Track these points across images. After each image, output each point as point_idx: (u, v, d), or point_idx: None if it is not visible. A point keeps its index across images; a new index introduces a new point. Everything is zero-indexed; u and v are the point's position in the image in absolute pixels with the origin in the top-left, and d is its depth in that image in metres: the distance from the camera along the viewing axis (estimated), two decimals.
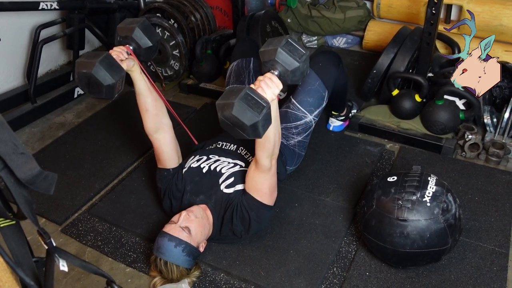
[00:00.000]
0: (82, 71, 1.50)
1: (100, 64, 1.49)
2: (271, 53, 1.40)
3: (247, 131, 1.31)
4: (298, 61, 1.40)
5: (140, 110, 1.80)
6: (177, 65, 2.89)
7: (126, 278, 1.77)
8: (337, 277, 1.70)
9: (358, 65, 3.07)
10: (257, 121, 1.28)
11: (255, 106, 1.29)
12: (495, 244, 1.75)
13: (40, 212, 2.08)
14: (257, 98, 1.31)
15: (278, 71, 1.42)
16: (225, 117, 1.31)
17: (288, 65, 1.40)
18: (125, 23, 1.71)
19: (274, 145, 1.56)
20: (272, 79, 1.41)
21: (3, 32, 2.47)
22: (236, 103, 1.27)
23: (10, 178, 0.70)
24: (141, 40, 1.68)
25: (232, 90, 1.32)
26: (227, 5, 3.23)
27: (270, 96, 1.39)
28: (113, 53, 1.60)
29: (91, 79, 1.50)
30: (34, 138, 2.66)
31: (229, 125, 1.33)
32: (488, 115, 2.25)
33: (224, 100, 1.31)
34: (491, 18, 2.60)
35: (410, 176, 1.61)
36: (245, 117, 1.28)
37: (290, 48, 1.40)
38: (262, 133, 1.34)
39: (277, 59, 1.39)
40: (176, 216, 1.68)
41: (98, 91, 1.53)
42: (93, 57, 1.50)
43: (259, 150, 1.57)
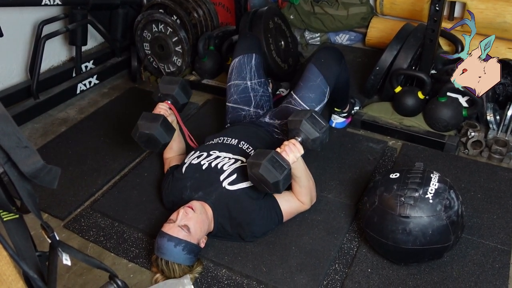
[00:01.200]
0: (144, 132, 1.86)
1: (161, 127, 1.86)
2: (297, 123, 1.67)
3: (269, 187, 1.59)
4: (319, 132, 1.66)
5: None
6: (180, 61, 2.89)
7: (128, 273, 1.77)
8: (339, 273, 1.70)
9: (360, 62, 3.06)
10: (278, 180, 1.56)
11: (278, 167, 1.57)
12: (497, 242, 1.74)
13: (43, 208, 2.09)
14: (280, 161, 1.58)
15: (301, 138, 1.68)
16: (253, 173, 1.60)
17: (310, 134, 1.66)
18: (165, 82, 2.02)
19: (311, 190, 1.83)
20: (296, 145, 1.66)
21: (5, 28, 2.46)
22: (263, 164, 1.55)
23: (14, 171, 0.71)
24: (180, 98, 2.02)
25: (261, 152, 1.62)
26: (230, 2, 3.23)
27: (292, 159, 1.64)
28: (161, 111, 1.96)
29: (152, 138, 1.87)
30: (37, 134, 2.67)
31: (255, 180, 1.62)
32: (491, 113, 2.24)
33: (254, 159, 1.60)
34: (494, 15, 2.59)
35: (413, 173, 1.61)
36: (269, 176, 1.56)
37: (313, 121, 1.66)
38: (282, 190, 1.63)
39: (301, 128, 1.66)
40: (174, 214, 1.67)
41: (155, 147, 1.91)
42: (153, 120, 1.87)
43: (300, 196, 1.82)
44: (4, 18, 2.53)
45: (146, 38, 2.92)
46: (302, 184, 1.77)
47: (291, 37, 2.92)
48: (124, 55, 3.21)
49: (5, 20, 2.50)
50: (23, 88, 2.83)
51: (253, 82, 2.19)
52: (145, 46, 2.97)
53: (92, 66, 3.16)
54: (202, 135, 2.15)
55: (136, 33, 2.92)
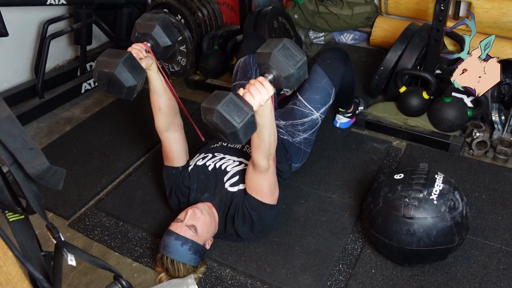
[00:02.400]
0: (103, 70, 1.47)
1: (123, 64, 1.46)
2: (266, 56, 1.34)
3: (227, 137, 1.30)
4: (293, 67, 1.33)
5: (152, 108, 1.77)
6: (184, 60, 2.90)
7: (132, 273, 1.78)
8: (343, 274, 1.70)
9: (365, 62, 3.05)
10: (236, 129, 1.26)
11: (236, 114, 1.26)
12: (502, 243, 1.74)
13: (48, 207, 2.10)
14: (240, 105, 1.27)
15: (271, 76, 1.37)
16: (207, 121, 1.30)
17: (282, 71, 1.34)
18: (144, 19, 1.66)
19: (270, 147, 1.54)
20: (263, 83, 1.36)
21: (11, 27, 2.48)
22: (217, 110, 1.24)
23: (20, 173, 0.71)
24: (160, 39, 1.64)
25: (218, 94, 1.30)
26: (234, 1, 3.22)
27: (258, 102, 1.35)
28: (132, 51, 1.56)
29: (113, 79, 1.47)
30: (42, 133, 2.68)
31: (212, 129, 1.33)
32: (496, 113, 2.23)
33: (207, 104, 1.29)
34: (500, 14, 2.58)
35: (417, 174, 1.60)
36: (225, 125, 1.26)
37: (286, 53, 1.33)
38: (244, 140, 1.31)
39: (271, 63, 1.33)
40: (182, 213, 1.68)
41: (119, 91, 1.50)
42: (115, 57, 1.47)
43: (254, 151, 1.55)
44: (10, 17, 2.54)
45: None
46: (262, 136, 1.48)
47: (296, 36, 2.91)
48: None
49: (10, 20, 2.52)
50: (28, 88, 2.85)
51: None
52: None
53: None
54: (206, 135, 2.14)
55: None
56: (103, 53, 1.52)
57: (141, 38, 1.64)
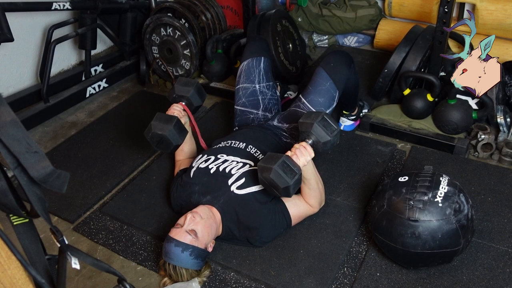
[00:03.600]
0: (157, 133, 1.85)
1: (174, 128, 1.85)
2: (308, 125, 1.65)
3: (279, 191, 1.58)
4: (330, 135, 1.64)
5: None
6: (188, 64, 2.90)
7: (137, 276, 1.78)
8: (348, 277, 1.69)
9: (369, 64, 3.05)
10: (289, 185, 1.55)
11: (289, 172, 1.55)
12: (508, 246, 1.72)
13: (53, 211, 2.10)
14: (291, 166, 1.56)
15: (312, 141, 1.66)
16: (264, 178, 1.59)
17: (321, 138, 1.64)
18: (181, 83, 2.03)
19: (321, 193, 1.82)
20: (307, 148, 1.64)
21: (16, 32, 2.49)
22: (274, 169, 1.53)
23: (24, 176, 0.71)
24: (194, 100, 2.03)
25: (272, 156, 1.59)
26: (238, 5, 3.24)
27: (302, 163, 1.62)
28: (175, 112, 1.96)
29: (164, 139, 1.86)
30: (47, 137, 2.69)
31: (266, 184, 1.61)
32: (501, 115, 2.22)
33: (264, 163, 1.58)
34: (504, 16, 2.57)
35: (422, 176, 1.60)
36: (279, 181, 1.54)
37: (324, 124, 1.64)
38: (292, 194, 1.61)
39: (312, 131, 1.64)
40: (182, 218, 1.67)
41: (167, 148, 1.90)
42: (167, 121, 1.86)
43: (308, 198, 1.81)
44: (15, 22, 2.56)
45: (154, 41, 2.94)
46: (311, 187, 1.77)
47: (299, 39, 2.92)
48: (133, 58, 3.24)
49: (15, 25, 2.54)
50: (34, 92, 2.87)
51: (261, 85, 2.20)
52: (153, 50, 2.99)
53: (101, 69, 3.19)
54: (210, 138, 2.15)
55: (145, 36, 2.93)
56: (155, 117, 1.90)
57: (178, 99, 2.03)
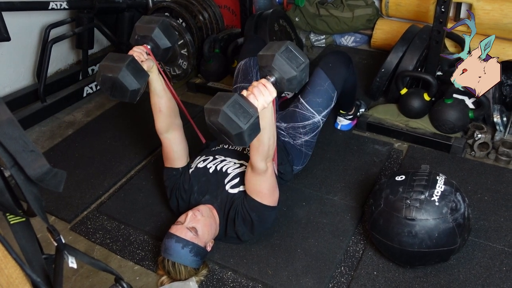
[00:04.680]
0: (107, 75, 1.49)
1: (127, 68, 1.47)
2: (268, 58, 1.35)
3: (232, 139, 1.29)
4: (296, 70, 1.34)
5: (153, 110, 1.78)
6: (185, 64, 2.90)
7: (134, 276, 1.78)
8: (345, 276, 1.69)
9: (366, 64, 3.06)
10: (242, 131, 1.25)
11: (242, 115, 1.26)
12: (504, 244, 1.73)
13: (50, 210, 2.10)
14: (245, 107, 1.27)
15: (274, 78, 1.37)
16: (211, 122, 1.29)
17: (284, 73, 1.35)
18: (143, 22, 1.68)
19: (269, 149, 1.54)
20: (267, 86, 1.36)
21: (13, 32, 2.49)
22: (223, 111, 1.24)
23: (20, 175, 0.71)
24: (160, 41, 1.66)
25: (222, 95, 1.29)
26: (235, 4, 3.23)
27: (261, 104, 1.35)
28: (134, 54, 1.58)
29: (116, 83, 1.49)
30: (44, 137, 2.69)
31: (215, 131, 1.31)
32: (498, 114, 2.23)
33: (212, 105, 1.28)
34: (501, 16, 2.58)
35: (419, 175, 1.60)
36: (230, 126, 1.25)
37: (289, 55, 1.34)
38: (248, 142, 1.31)
39: (274, 65, 1.34)
40: (183, 216, 1.68)
41: (122, 95, 1.52)
42: (118, 61, 1.49)
43: (253, 153, 1.55)
44: (12, 22, 2.55)
45: None
46: (262, 138, 1.48)
47: (296, 39, 2.92)
48: None
49: (12, 24, 2.53)
50: (31, 92, 2.86)
51: None
52: None
53: None
54: (207, 138, 2.15)
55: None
56: (106, 57, 1.53)
57: (141, 41, 1.66)
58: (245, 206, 1.70)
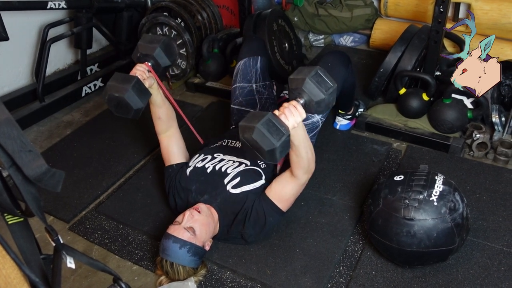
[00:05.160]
0: (114, 95, 1.62)
1: (132, 89, 1.61)
2: (299, 82, 1.43)
3: (264, 155, 1.38)
4: (325, 93, 1.43)
5: (152, 117, 1.93)
6: (184, 63, 2.90)
7: (132, 276, 1.78)
8: (343, 276, 1.69)
9: (365, 64, 3.06)
10: (275, 147, 1.34)
11: (275, 133, 1.35)
12: (503, 244, 1.73)
13: (48, 210, 2.10)
14: (278, 125, 1.36)
15: (303, 100, 1.46)
16: (245, 139, 1.38)
17: (314, 96, 1.43)
18: (146, 41, 1.79)
19: (309, 162, 1.64)
20: (297, 107, 1.45)
21: (11, 31, 2.48)
22: (257, 128, 1.33)
23: (18, 175, 0.71)
24: (161, 60, 1.78)
25: (256, 114, 1.39)
26: (234, 4, 3.23)
27: (292, 124, 1.43)
28: (137, 73, 1.71)
29: (122, 102, 1.62)
30: (42, 137, 2.68)
31: (248, 147, 1.40)
32: (496, 114, 2.23)
33: (246, 122, 1.37)
34: (499, 16, 2.58)
35: (417, 175, 1.60)
36: (264, 142, 1.34)
37: (318, 80, 1.42)
38: (279, 158, 1.39)
39: (304, 88, 1.42)
40: (180, 216, 1.68)
41: (127, 113, 1.66)
42: (124, 82, 1.62)
43: (295, 168, 1.64)
44: (10, 21, 2.55)
45: None
46: (299, 154, 1.58)
47: (295, 39, 2.92)
48: (129, 58, 3.23)
49: (11, 24, 2.52)
50: (29, 91, 2.86)
51: (258, 84, 2.20)
52: None
53: (97, 69, 3.18)
54: (206, 137, 2.15)
55: (141, 36, 2.93)
56: (112, 77, 1.67)
57: (143, 59, 1.78)
58: (262, 209, 1.72)
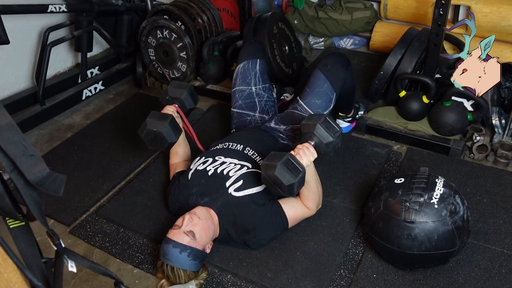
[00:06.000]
0: (152, 129, 1.88)
1: (169, 125, 1.88)
2: (310, 127, 1.67)
3: (283, 189, 1.56)
4: (333, 136, 1.67)
5: (170, 151, 2.13)
6: (184, 67, 2.91)
7: (133, 279, 1.78)
8: (344, 279, 1.69)
9: (365, 66, 3.06)
10: (293, 182, 1.54)
11: (293, 170, 1.56)
12: (504, 246, 1.73)
13: (49, 214, 2.10)
14: (295, 164, 1.57)
15: (314, 142, 1.68)
16: (267, 176, 1.58)
17: (323, 139, 1.67)
18: (174, 86, 2.08)
19: (319, 196, 1.83)
20: (310, 148, 1.66)
21: (12, 35, 2.49)
22: (279, 166, 1.53)
23: (20, 179, 0.71)
24: (187, 102, 2.06)
25: (276, 154, 1.60)
26: (234, 7, 3.24)
27: (306, 162, 1.63)
28: (169, 112, 1.97)
29: (159, 136, 1.88)
30: (43, 140, 2.69)
31: (269, 182, 1.59)
32: (496, 116, 2.23)
33: (269, 161, 1.58)
34: (499, 18, 2.59)
35: (418, 178, 1.60)
36: (284, 178, 1.54)
37: (327, 125, 1.67)
38: (296, 193, 1.61)
39: (315, 132, 1.66)
40: (180, 219, 1.68)
41: (161, 146, 1.93)
42: (162, 119, 1.89)
43: (306, 201, 1.81)
44: (11, 25, 2.55)
45: (151, 44, 2.94)
46: (310, 189, 1.77)
47: (295, 42, 2.92)
48: (129, 61, 3.23)
49: (11, 27, 2.53)
50: (30, 95, 2.86)
51: (257, 87, 2.20)
52: (150, 52, 2.99)
53: (98, 72, 3.18)
54: (207, 140, 2.15)
55: (141, 39, 2.93)
56: (150, 115, 1.93)
57: (171, 101, 2.06)
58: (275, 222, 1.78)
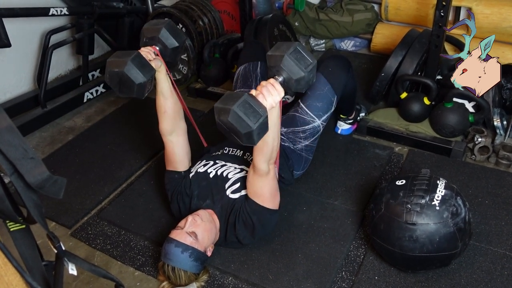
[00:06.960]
0: (113, 70, 1.52)
1: (132, 62, 1.50)
2: (277, 59, 1.38)
3: (241, 138, 1.31)
4: (304, 70, 1.37)
5: (158, 111, 1.81)
6: (185, 69, 2.91)
7: (135, 282, 1.77)
8: (346, 281, 1.69)
9: (366, 68, 3.06)
10: (251, 130, 1.28)
11: (252, 114, 1.28)
12: (506, 248, 1.73)
13: (50, 216, 2.10)
14: (255, 107, 1.29)
15: (282, 78, 1.40)
16: (221, 122, 1.32)
17: (293, 74, 1.38)
18: (150, 24, 1.73)
19: (272, 150, 1.56)
20: (275, 85, 1.39)
21: (14, 38, 2.50)
22: (233, 110, 1.26)
23: (20, 182, 0.71)
24: (167, 41, 1.69)
25: (232, 95, 1.32)
26: (235, 9, 3.24)
27: (270, 104, 1.38)
28: (141, 53, 1.61)
29: (123, 77, 1.52)
30: (44, 143, 2.69)
31: (224, 129, 1.34)
32: (498, 118, 2.23)
33: (222, 104, 1.31)
34: (500, 20, 2.58)
35: (419, 180, 1.60)
36: (240, 125, 1.27)
37: (297, 56, 1.37)
38: (257, 141, 1.33)
39: (282, 66, 1.37)
40: (183, 221, 1.68)
41: (129, 90, 1.55)
42: (124, 56, 1.52)
43: (256, 154, 1.56)
44: (12, 28, 2.56)
45: None
46: (266, 139, 1.47)
47: None
48: None
49: (13, 30, 2.54)
50: (31, 97, 2.87)
51: None
52: None
53: (99, 74, 3.19)
54: (208, 142, 2.15)
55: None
56: (113, 54, 1.58)
57: (149, 42, 1.70)
58: (246, 209, 1.69)
